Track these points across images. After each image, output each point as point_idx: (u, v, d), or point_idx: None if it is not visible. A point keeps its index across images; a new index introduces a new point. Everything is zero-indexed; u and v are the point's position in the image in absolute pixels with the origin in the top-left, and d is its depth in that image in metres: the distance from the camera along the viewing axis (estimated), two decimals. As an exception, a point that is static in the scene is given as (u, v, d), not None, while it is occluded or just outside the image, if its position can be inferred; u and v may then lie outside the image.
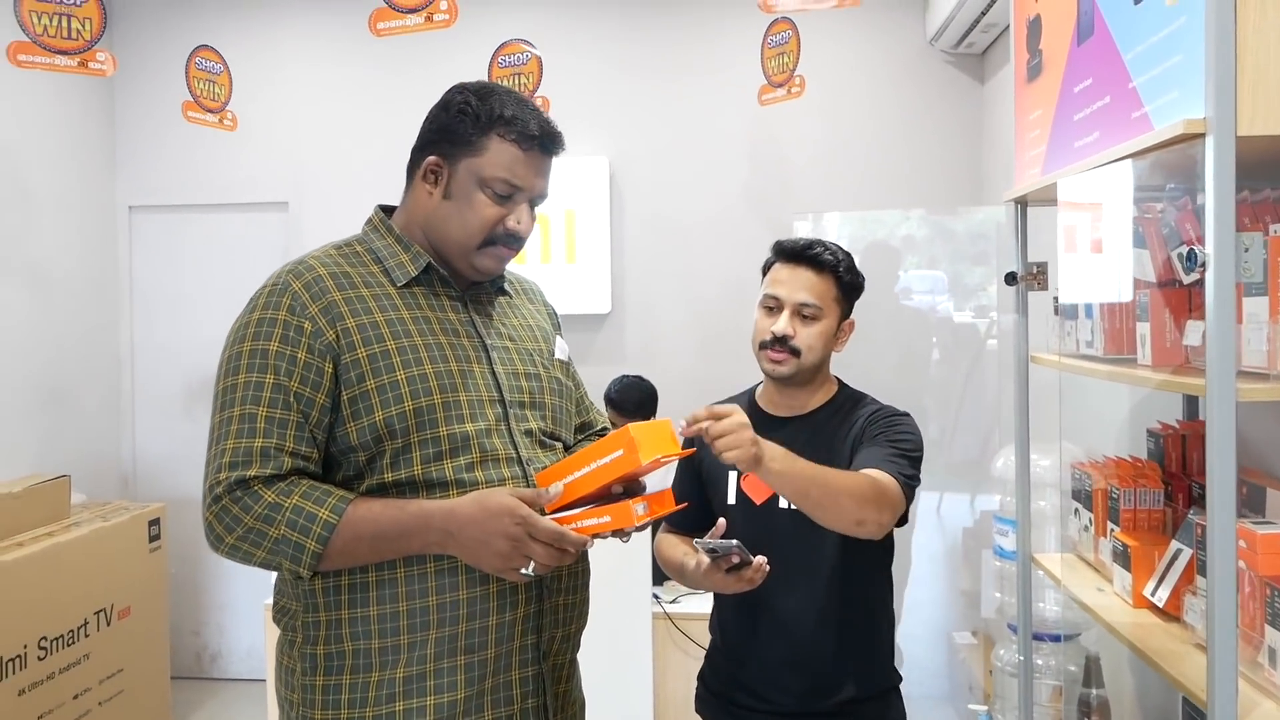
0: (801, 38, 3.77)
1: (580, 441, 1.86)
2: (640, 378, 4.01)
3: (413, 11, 2.90)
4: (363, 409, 1.49)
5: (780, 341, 1.95)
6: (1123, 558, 2.05)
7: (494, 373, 1.61)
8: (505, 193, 1.58)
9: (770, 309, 2.00)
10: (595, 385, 3.98)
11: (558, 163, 1.68)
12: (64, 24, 3.11)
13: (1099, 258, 2.02)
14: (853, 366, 2.12)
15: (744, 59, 4.03)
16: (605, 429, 1.94)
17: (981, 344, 3.89)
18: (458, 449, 1.53)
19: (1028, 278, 2.38)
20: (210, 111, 3.94)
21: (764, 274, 2.05)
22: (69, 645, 3.44)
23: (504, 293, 1.76)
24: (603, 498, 1.53)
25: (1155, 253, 1.90)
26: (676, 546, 2.05)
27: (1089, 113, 1.91)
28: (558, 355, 1.78)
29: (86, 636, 3.53)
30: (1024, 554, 2.42)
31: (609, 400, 3.95)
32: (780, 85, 3.80)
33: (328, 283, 1.55)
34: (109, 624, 3.65)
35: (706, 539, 1.79)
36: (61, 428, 4.56)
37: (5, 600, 3.13)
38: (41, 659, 3.30)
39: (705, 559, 1.80)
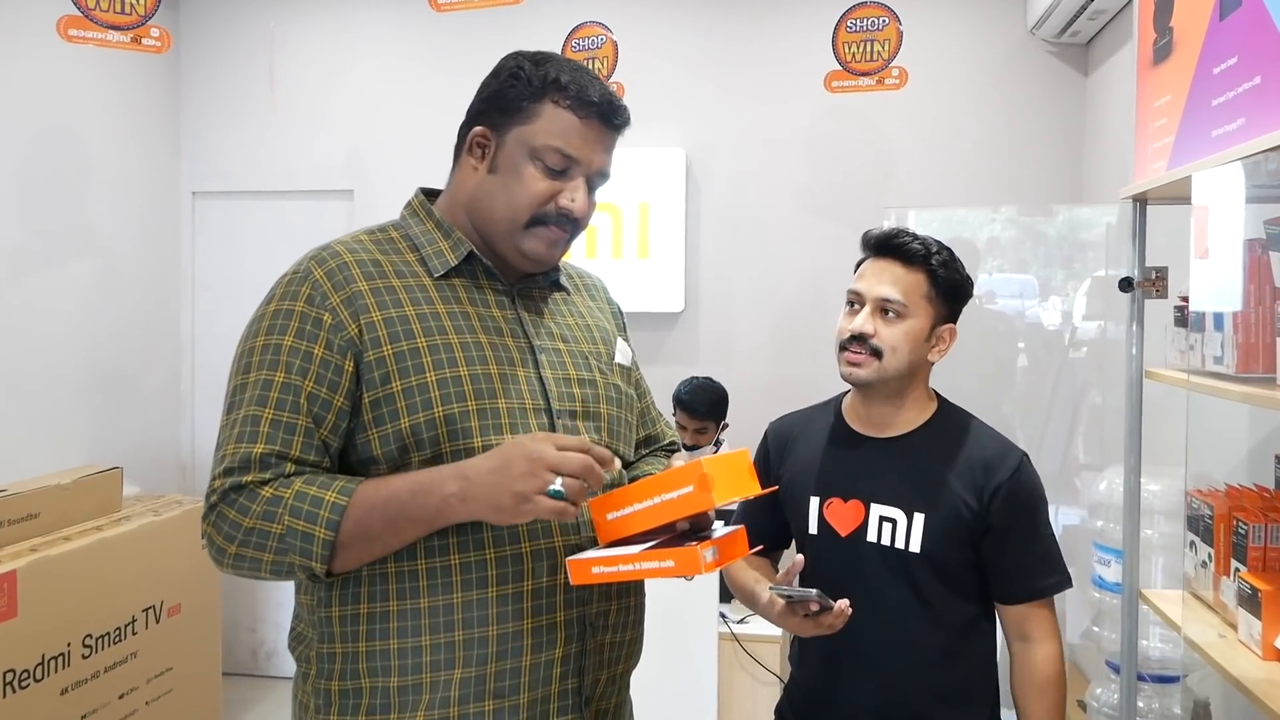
0: (904, 26, 3.54)
1: (644, 457, 1.68)
2: (711, 379, 3.81)
3: (479, -14, 2.74)
4: (386, 414, 1.32)
5: (859, 340, 1.74)
6: (1251, 602, 1.81)
7: (540, 378, 1.42)
8: (558, 165, 1.39)
9: (852, 305, 1.79)
10: (667, 386, 3.83)
11: (632, 154, 1.49)
12: (117, -1, 3.01)
13: (1236, 262, 1.77)
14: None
15: (829, 47, 3.81)
16: (674, 444, 1.75)
17: (1065, 353, 3.63)
18: None
19: (1145, 284, 2.13)
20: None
21: (855, 270, 1.84)
22: (115, 643, 3.35)
23: (560, 288, 1.57)
24: (666, 532, 1.34)
25: (1306, 258, 1.66)
26: (748, 571, 1.86)
27: (1232, 96, 1.67)
28: (618, 359, 1.58)
29: (134, 634, 3.43)
30: (1130, 589, 2.17)
31: (678, 402, 3.75)
32: (868, 74, 3.57)
33: (353, 271, 1.38)
34: (158, 621, 3.56)
35: (782, 586, 1.60)
36: (119, 415, 4.50)
37: (48, 596, 3.04)
38: (86, 657, 3.21)
39: (780, 600, 1.62)
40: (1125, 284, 2.13)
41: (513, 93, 1.41)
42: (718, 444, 3.74)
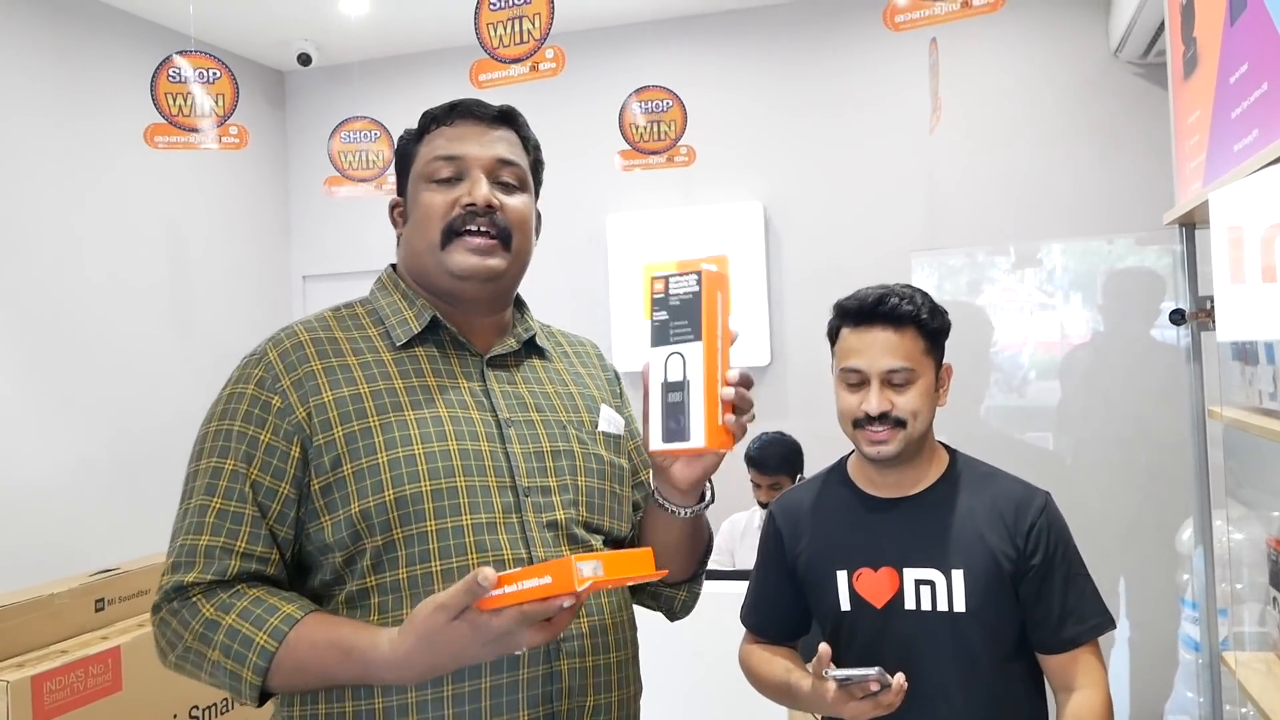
0: (941, 56, 3.43)
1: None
2: (781, 433, 3.71)
3: (516, 61, 2.78)
4: (338, 499, 1.26)
5: (881, 418, 1.63)
6: (1331, 666, 1.62)
7: (507, 453, 1.34)
8: (446, 173, 1.39)
9: (853, 385, 1.66)
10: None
11: (708, 210, 1.46)
12: (199, 103, 3.19)
13: (1268, 286, 1.60)
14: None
15: (905, 88, 3.72)
16: None
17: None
18: (449, 548, 1.26)
19: (1200, 315, 1.96)
20: (361, 181, 3.97)
21: (831, 340, 1.72)
22: (222, 714, 3.43)
23: (542, 354, 1.52)
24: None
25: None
26: (773, 663, 1.72)
27: (1246, 106, 1.53)
28: (602, 428, 1.48)
29: (242, 704, 3.52)
30: (1210, 649, 1.98)
31: (749, 459, 3.67)
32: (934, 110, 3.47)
33: (308, 350, 1.35)
34: (266, 692, 3.65)
35: (837, 669, 1.47)
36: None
37: (153, 670, 3.11)
38: (192, 728, 3.30)
39: (832, 685, 1.49)
40: (1177, 316, 1.97)
41: (402, 153, 1.47)
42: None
